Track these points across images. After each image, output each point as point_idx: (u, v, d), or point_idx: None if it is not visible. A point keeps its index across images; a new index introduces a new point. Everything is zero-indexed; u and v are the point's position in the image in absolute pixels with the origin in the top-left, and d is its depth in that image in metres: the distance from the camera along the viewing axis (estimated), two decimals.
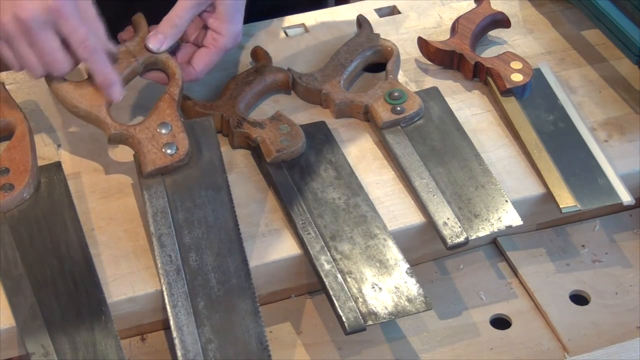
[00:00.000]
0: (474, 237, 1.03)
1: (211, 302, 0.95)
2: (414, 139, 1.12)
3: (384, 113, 1.13)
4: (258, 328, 0.94)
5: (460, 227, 1.03)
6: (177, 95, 1.06)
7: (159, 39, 1.08)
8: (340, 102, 1.14)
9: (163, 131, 1.03)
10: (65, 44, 1.01)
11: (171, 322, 0.94)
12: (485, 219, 1.04)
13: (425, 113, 1.15)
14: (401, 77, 1.21)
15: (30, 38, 0.99)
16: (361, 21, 1.24)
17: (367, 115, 1.15)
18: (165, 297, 0.95)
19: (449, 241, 1.02)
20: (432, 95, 1.18)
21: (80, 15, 1.00)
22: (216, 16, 1.09)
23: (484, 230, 1.04)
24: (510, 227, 1.04)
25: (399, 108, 1.13)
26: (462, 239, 1.02)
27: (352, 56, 1.19)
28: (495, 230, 1.04)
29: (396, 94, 1.14)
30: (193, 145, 1.05)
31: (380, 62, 1.21)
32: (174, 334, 0.93)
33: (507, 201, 1.06)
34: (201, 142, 1.06)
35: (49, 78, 1.04)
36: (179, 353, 0.92)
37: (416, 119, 1.14)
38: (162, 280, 0.96)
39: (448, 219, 1.04)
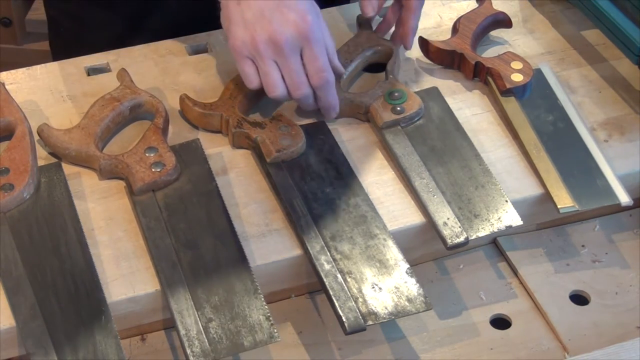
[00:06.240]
0: (474, 237, 1.03)
1: (209, 287, 0.96)
2: (414, 139, 1.12)
3: (384, 113, 1.13)
4: (259, 303, 0.96)
5: (460, 227, 1.03)
6: (161, 125, 1.09)
7: (368, 5, 1.17)
8: (340, 102, 1.14)
9: (150, 154, 1.06)
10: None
11: (171, 306, 0.95)
12: (485, 219, 1.04)
13: (425, 113, 1.15)
14: (401, 77, 1.21)
15: (280, 59, 1.06)
16: (361, 21, 1.24)
17: (367, 115, 1.15)
18: (163, 286, 0.96)
19: (449, 241, 1.02)
20: (432, 95, 1.18)
21: (323, 42, 1.07)
22: None
23: (484, 230, 1.04)
24: (510, 227, 1.04)
25: (399, 108, 1.13)
26: (462, 239, 1.02)
27: (352, 56, 1.19)
28: (495, 230, 1.04)
29: (396, 94, 1.14)
30: (181, 164, 1.07)
31: (380, 62, 1.21)
32: (175, 316, 0.94)
33: (507, 201, 1.06)
34: (190, 161, 1.08)
35: (40, 129, 1.08)
36: (180, 333, 0.93)
37: (416, 119, 1.14)
38: (160, 275, 0.97)
39: (448, 219, 1.04)
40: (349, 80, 1.19)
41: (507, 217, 1.05)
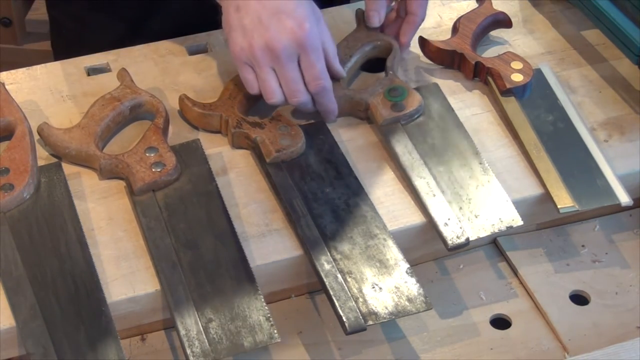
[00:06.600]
0: (474, 237, 1.03)
1: (210, 289, 0.96)
2: (414, 137, 1.12)
3: (384, 110, 1.12)
4: (259, 303, 0.96)
5: (460, 227, 1.03)
6: (162, 125, 1.09)
7: (375, 15, 1.19)
8: (340, 99, 1.13)
9: (151, 154, 1.06)
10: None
11: (171, 307, 0.95)
12: (486, 219, 1.04)
13: (426, 110, 1.15)
14: (402, 77, 1.21)
15: (277, 67, 1.06)
16: (360, 16, 1.23)
17: (367, 113, 1.14)
18: (163, 287, 0.96)
19: (449, 242, 1.02)
20: (432, 91, 1.17)
21: (320, 49, 1.07)
22: None
23: (485, 231, 1.04)
24: (511, 227, 1.04)
25: (399, 105, 1.13)
26: (463, 240, 1.02)
27: (352, 51, 1.19)
28: (496, 230, 1.04)
29: (396, 91, 1.14)
30: (182, 164, 1.07)
31: (379, 57, 1.20)
32: (175, 316, 0.94)
33: (507, 200, 1.06)
34: (190, 161, 1.08)
35: (40, 129, 1.08)
36: (180, 333, 0.93)
37: (416, 116, 1.14)
38: (160, 275, 0.97)
39: (449, 219, 1.04)
40: (348, 76, 1.18)
41: (508, 216, 1.04)
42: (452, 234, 1.03)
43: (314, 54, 1.06)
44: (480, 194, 1.07)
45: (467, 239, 1.02)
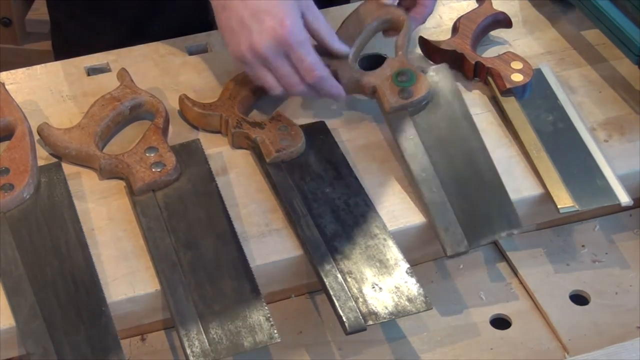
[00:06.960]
0: (474, 244, 1.02)
1: (210, 289, 0.96)
2: (420, 127, 1.10)
3: (391, 97, 1.11)
4: (259, 303, 0.96)
5: (461, 233, 1.02)
6: (162, 125, 1.09)
7: None
8: (346, 81, 1.12)
9: (151, 154, 1.06)
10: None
11: (170, 307, 0.95)
12: (487, 223, 1.04)
13: (434, 96, 1.13)
14: None
15: (268, 65, 1.07)
16: None
17: (374, 95, 1.13)
18: (163, 287, 0.96)
19: (449, 250, 1.01)
20: (441, 75, 1.16)
21: (307, 41, 1.07)
22: None
23: (485, 238, 1.03)
24: (511, 233, 1.04)
25: (407, 91, 1.11)
26: (462, 248, 1.02)
27: (361, 26, 1.16)
28: (496, 237, 1.04)
29: (405, 75, 1.12)
30: (182, 164, 1.07)
31: (389, 32, 1.18)
32: (174, 316, 0.94)
33: (510, 202, 1.05)
34: (190, 161, 1.08)
35: (40, 129, 1.08)
36: (180, 333, 0.93)
37: (424, 103, 1.13)
38: (160, 275, 0.97)
39: (449, 223, 1.03)
40: (357, 54, 1.16)
41: (509, 221, 1.04)
42: (452, 240, 1.02)
43: (301, 48, 1.06)
44: (483, 194, 1.06)
45: (467, 247, 1.02)
